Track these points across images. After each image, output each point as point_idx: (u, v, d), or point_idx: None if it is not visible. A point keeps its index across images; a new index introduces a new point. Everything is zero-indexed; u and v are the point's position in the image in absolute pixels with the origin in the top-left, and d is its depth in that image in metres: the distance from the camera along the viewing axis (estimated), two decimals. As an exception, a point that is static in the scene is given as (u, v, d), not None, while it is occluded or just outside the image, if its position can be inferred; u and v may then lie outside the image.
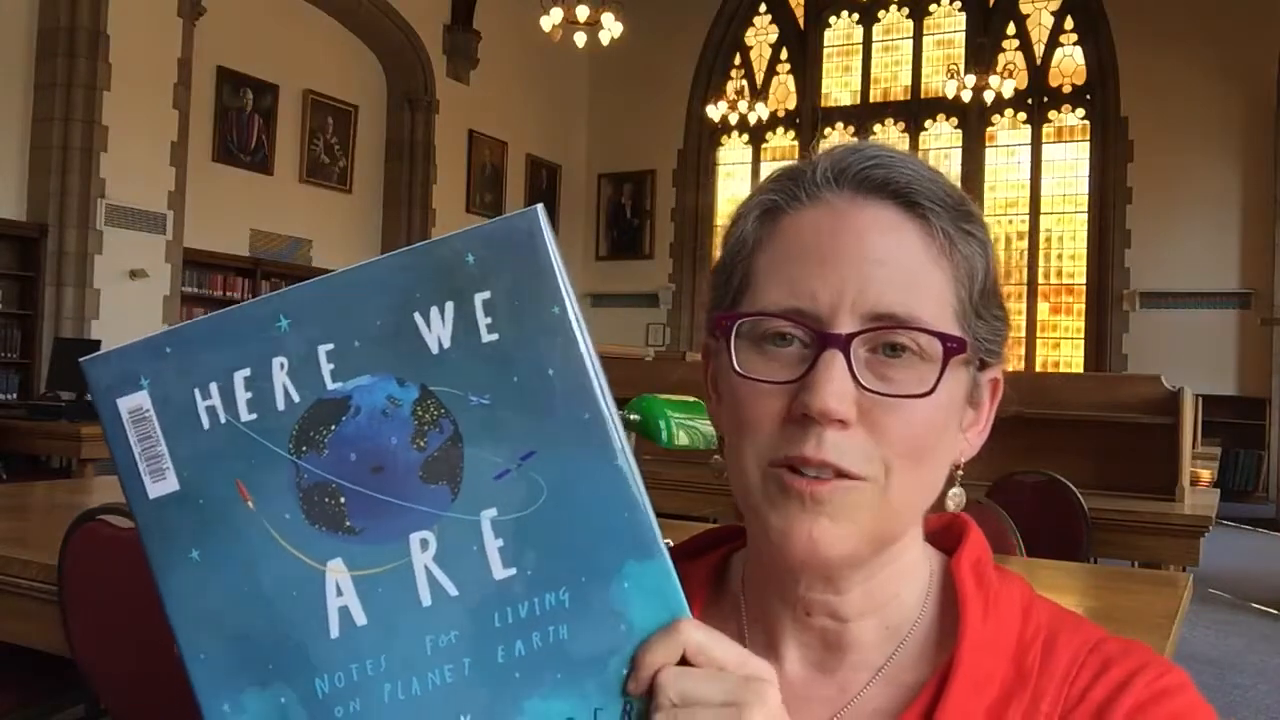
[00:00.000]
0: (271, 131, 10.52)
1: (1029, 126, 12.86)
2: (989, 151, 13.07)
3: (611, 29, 9.96)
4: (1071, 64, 12.68)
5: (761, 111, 12.46)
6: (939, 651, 0.63)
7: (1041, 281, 12.86)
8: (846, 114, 13.80)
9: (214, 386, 0.49)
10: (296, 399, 0.49)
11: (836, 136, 13.24)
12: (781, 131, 14.13)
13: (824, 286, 0.58)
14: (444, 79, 12.27)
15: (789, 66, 14.13)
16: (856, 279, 0.58)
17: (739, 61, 14.27)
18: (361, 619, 0.48)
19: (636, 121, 14.25)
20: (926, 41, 13.51)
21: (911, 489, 0.60)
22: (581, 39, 10.09)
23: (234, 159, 10.18)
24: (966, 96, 11.48)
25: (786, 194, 0.63)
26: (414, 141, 12.05)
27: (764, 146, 14.22)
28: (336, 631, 0.48)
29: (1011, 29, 12.97)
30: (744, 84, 13.15)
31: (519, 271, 0.48)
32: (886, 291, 0.58)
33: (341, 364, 0.48)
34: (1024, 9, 12.94)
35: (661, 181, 14.45)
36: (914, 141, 13.23)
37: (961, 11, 13.26)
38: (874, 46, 13.79)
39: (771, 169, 0.68)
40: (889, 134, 13.29)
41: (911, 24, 13.58)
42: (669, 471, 4.09)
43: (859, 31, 13.84)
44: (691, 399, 1.81)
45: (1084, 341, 12.54)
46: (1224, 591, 6.27)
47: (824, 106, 13.94)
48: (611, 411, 0.48)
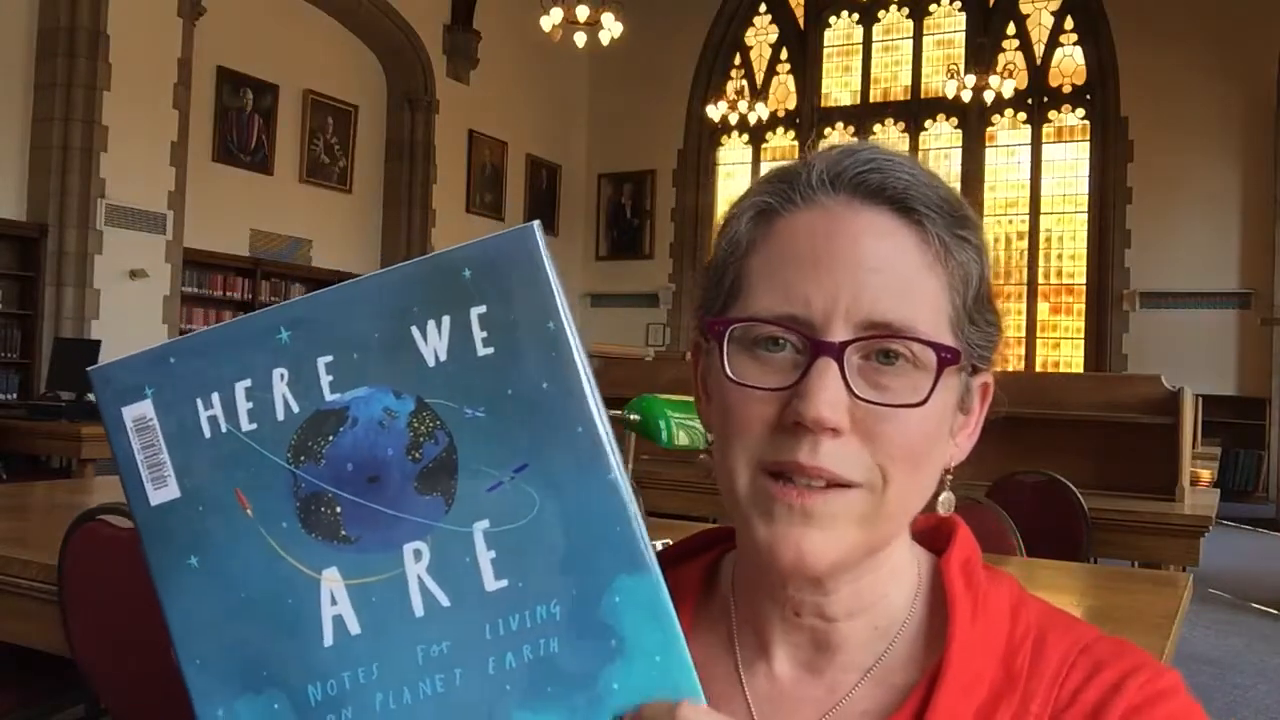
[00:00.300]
0: (271, 131, 10.52)
1: (1029, 126, 12.86)
2: (989, 151, 13.07)
3: (611, 29, 9.96)
4: (1071, 64, 12.68)
5: (761, 111, 12.46)
6: (928, 652, 0.63)
7: (1041, 281, 12.86)
8: (846, 114, 13.80)
9: (216, 396, 0.49)
10: (296, 409, 0.49)
11: (836, 136, 13.24)
12: (781, 131, 14.13)
13: (818, 293, 0.58)
14: (444, 79, 12.27)
15: (789, 66, 14.13)
16: (851, 286, 0.57)
17: (739, 61, 14.27)
18: (355, 628, 0.48)
19: (636, 121, 14.25)
20: (926, 41, 13.50)
21: (906, 496, 0.60)
22: (581, 39, 10.09)
23: (234, 159, 10.18)
24: (966, 96, 11.48)
25: (781, 196, 0.62)
26: (414, 141, 12.05)
27: (764, 146, 14.22)
28: (330, 640, 0.48)
29: (1011, 29, 12.97)
30: (744, 84, 13.14)
31: (515, 286, 0.48)
32: (881, 299, 0.57)
33: (340, 376, 0.49)
34: (1024, 9, 12.94)
35: (661, 181, 14.45)
36: (914, 142, 13.23)
37: (961, 11, 13.26)
38: (874, 46, 13.79)
39: (771, 170, 0.68)
40: (889, 134, 13.29)
41: (911, 24, 13.58)
42: (669, 471, 4.10)
43: (859, 31, 13.84)
44: (691, 399, 1.81)
45: (1084, 341, 12.54)
46: (1224, 591, 6.27)
47: (824, 106, 13.94)
48: (605, 425, 0.48)
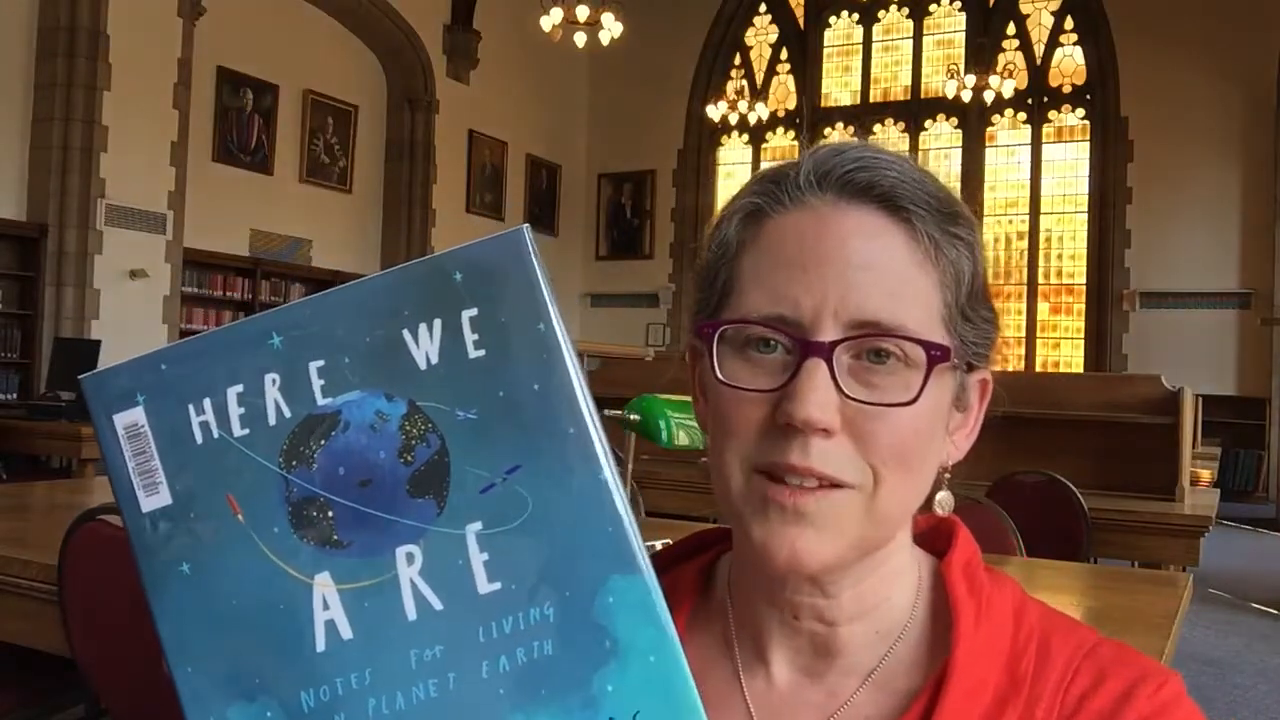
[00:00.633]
0: (271, 131, 10.51)
1: (1029, 126, 12.85)
2: (989, 151, 13.06)
3: (611, 29, 9.96)
4: (1071, 64, 12.68)
5: (761, 111, 12.45)
6: (931, 657, 0.62)
7: (1041, 281, 12.86)
8: (846, 114, 13.80)
9: (208, 402, 0.49)
10: (287, 414, 0.49)
11: (836, 136, 13.24)
12: (781, 131, 14.13)
13: (806, 293, 0.58)
14: (444, 79, 12.26)
15: (789, 66, 14.12)
16: (839, 285, 0.57)
17: (739, 61, 14.27)
18: (347, 633, 0.48)
19: (636, 121, 14.25)
20: (926, 41, 13.50)
21: (899, 495, 0.59)
22: (581, 39, 10.09)
23: (234, 159, 10.18)
24: (966, 96, 11.48)
25: (770, 197, 0.62)
26: (414, 141, 12.04)
27: (764, 146, 14.22)
28: (323, 645, 0.48)
29: (1011, 29, 12.96)
30: (744, 84, 13.14)
31: (505, 289, 0.48)
32: (870, 298, 0.57)
33: (331, 380, 0.49)
34: (1024, 9, 12.94)
35: (661, 181, 14.44)
36: (914, 141, 13.23)
37: (961, 11, 13.25)
38: (874, 46, 13.79)
39: (761, 170, 0.68)
40: (889, 134, 13.30)
41: (911, 24, 13.58)
42: (669, 471, 4.09)
43: (859, 31, 13.84)
44: (691, 399, 1.80)
45: (1084, 341, 12.54)
46: (1224, 591, 6.27)
47: (824, 106, 13.94)
48: (596, 426, 0.48)
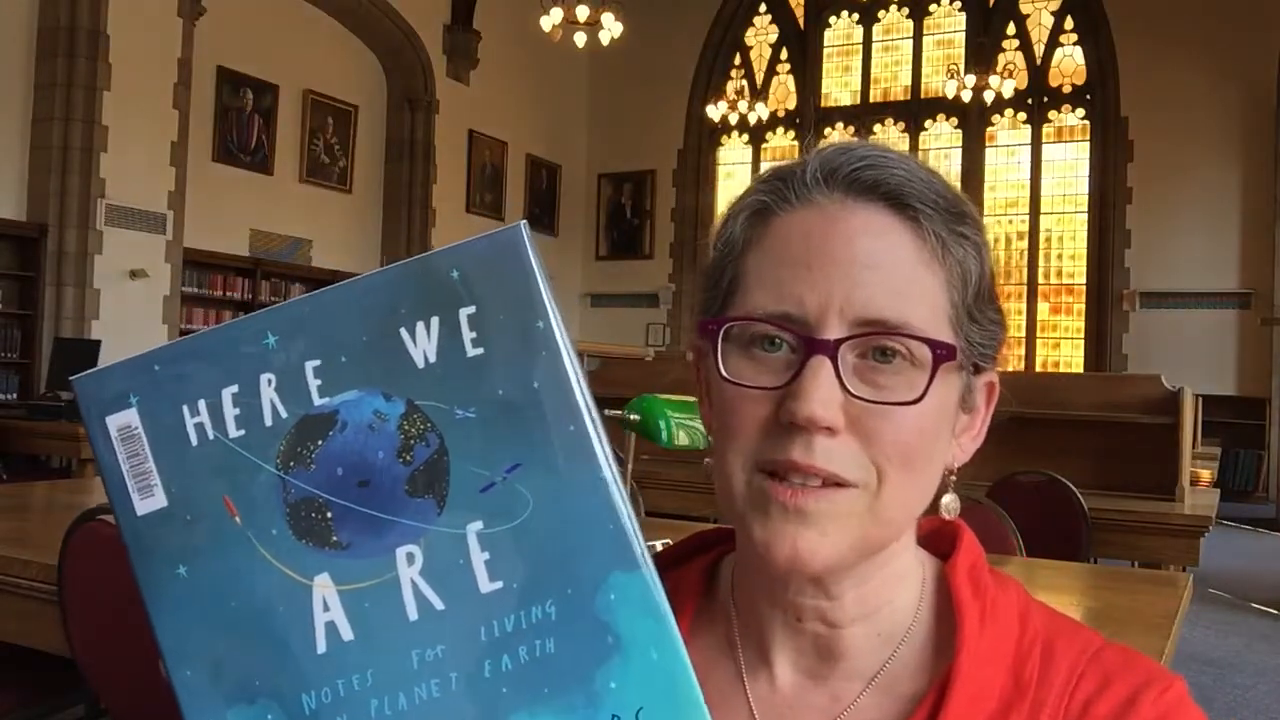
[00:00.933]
0: (271, 131, 10.51)
1: (1029, 126, 12.86)
2: (989, 151, 13.06)
3: (611, 29, 9.96)
4: (1071, 64, 12.68)
5: (761, 111, 12.45)
6: (936, 661, 0.62)
7: (1041, 281, 12.86)
8: (846, 114, 13.80)
9: (202, 403, 0.49)
10: (284, 415, 0.49)
11: (837, 136, 13.24)
12: (781, 131, 14.13)
13: (811, 291, 0.57)
14: (444, 79, 12.26)
15: (789, 66, 14.12)
16: (845, 283, 0.57)
17: (739, 61, 14.27)
18: (348, 634, 0.48)
19: (636, 121, 14.25)
20: (926, 41, 13.50)
21: (903, 496, 0.59)
22: (581, 39, 10.09)
23: (234, 159, 10.17)
24: (966, 96, 11.48)
25: (776, 195, 0.61)
26: (414, 141, 12.04)
27: (764, 146, 14.22)
28: (323, 647, 0.48)
29: (1011, 29, 12.96)
30: (744, 84, 13.14)
31: (503, 286, 0.48)
32: (876, 296, 0.57)
33: (328, 380, 0.48)
34: (1024, 9, 12.94)
35: (661, 181, 14.44)
36: (914, 141, 13.23)
37: (961, 11, 13.25)
38: (874, 46, 13.79)
39: (768, 168, 0.67)
40: (889, 134, 13.29)
41: (911, 24, 13.58)
42: (669, 471, 4.09)
43: (859, 31, 13.84)
44: (691, 399, 1.80)
45: (1084, 341, 12.54)
46: (1224, 591, 6.26)
47: (824, 106, 13.93)
48: (596, 423, 0.48)
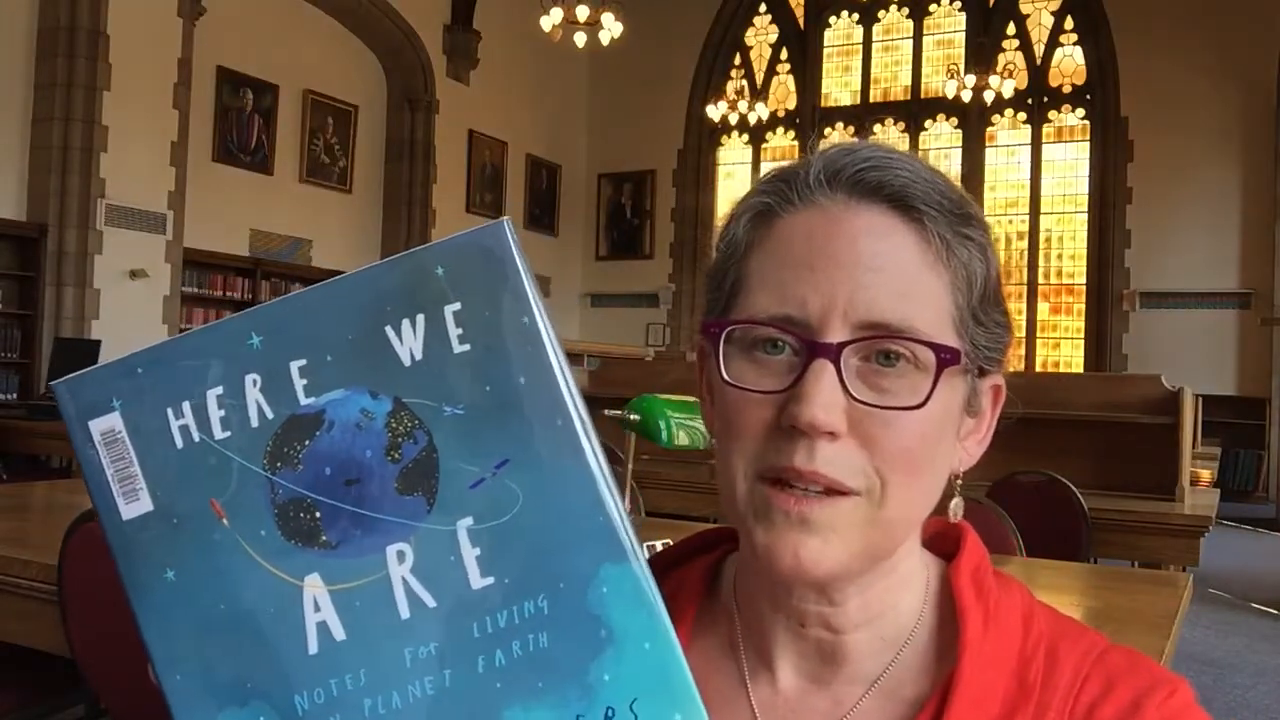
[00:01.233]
0: (271, 131, 10.51)
1: (1029, 126, 12.86)
2: (989, 151, 13.07)
3: (611, 29, 9.96)
4: (1071, 64, 12.68)
5: (761, 111, 12.45)
6: (939, 664, 0.61)
7: (1041, 281, 12.86)
8: (846, 114, 13.80)
9: (187, 405, 0.49)
10: (270, 415, 0.48)
11: (837, 136, 13.25)
12: (781, 131, 14.13)
13: (814, 293, 0.57)
14: (444, 79, 12.26)
15: (789, 66, 14.13)
16: (848, 286, 0.56)
17: (739, 61, 14.27)
18: (340, 634, 0.48)
19: (636, 121, 14.25)
20: (926, 41, 13.50)
21: (906, 502, 0.58)
22: (581, 39, 10.09)
23: (234, 159, 10.18)
24: (966, 96, 11.48)
25: (779, 196, 0.61)
26: (414, 141, 12.04)
27: (764, 146, 14.22)
28: (315, 647, 0.48)
29: (1011, 29, 12.97)
30: (744, 84, 13.14)
31: (488, 283, 0.48)
32: (879, 299, 0.56)
33: (314, 379, 0.48)
34: (1024, 9, 12.94)
35: (661, 181, 14.44)
36: (914, 141, 13.23)
37: (961, 11, 13.25)
38: (874, 46, 13.79)
39: (771, 169, 0.67)
40: (889, 134, 13.29)
41: (911, 24, 13.58)
42: (668, 471, 4.10)
43: (859, 31, 13.84)
44: (691, 399, 1.81)
45: (1084, 341, 12.54)
46: (1224, 591, 6.26)
47: (824, 106, 13.94)
48: (583, 417, 0.48)
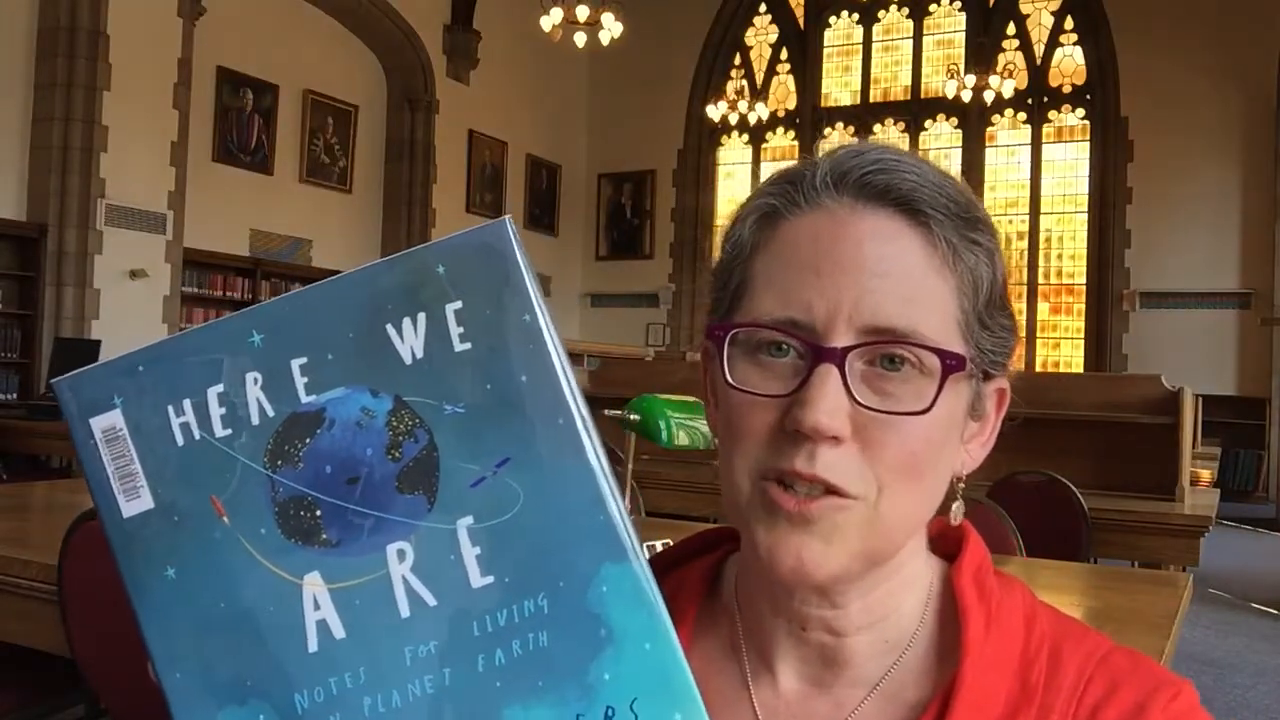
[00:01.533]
0: (271, 131, 10.51)
1: (1029, 126, 12.85)
2: (989, 151, 13.06)
3: (611, 29, 9.96)
4: (1071, 64, 12.68)
5: (761, 111, 12.44)
6: (941, 667, 0.61)
7: (1041, 281, 12.86)
8: (846, 114, 13.80)
9: (188, 403, 0.49)
10: (270, 413, 0.48)
11: (837, 137, 13.27)
12: (781, 131, 14.13)
13: (820, 297, 0.56)
14: (444, 79, 12.26)
15: (789, 66, 14.12)
16: (854, 290, 0.56)
17: (739, 61, 14.27)
18: (340, 632, 0.48)
19: (636, 121, 14.25)
20: (926, 41, 13.50)
21: (907, 506, 0.58)
22: (581, 39, 10.09)
23: (234, 159, 10.17)
24: (966, 96, 11.47)
25: (785, 198, 0.60)
26: (414, 141, 12.04)
27: (764, 147, 14.22)
28: (315, 645, 0.48)
29: (1011, 29, 12.96)
30: (744, 84, 13.13)
31: (489, 281, 0.48)
32: (885, 304, 0.56)
33: (315, 377, 0.48)
34: (1024, 9, 12.94)
35: (661, 181, 14.44)
36: (914, 141, 13.22)
37: (961, 11, 13.25)
38: (874, 46, 13.79)
39: (772, 169, 0.67)
40: (889, 134, 13.29)
41: (911, 24, 13.58)
42: (669, 471, 4.10)
43: (859, 31, 13.84)
44: (691, 399, 1.81)
45: (1084, 341, 12.54)
46: (1224, 591, 6.26)
47: (824, 106, 13.94)
48: (584, 416, 0.48)
